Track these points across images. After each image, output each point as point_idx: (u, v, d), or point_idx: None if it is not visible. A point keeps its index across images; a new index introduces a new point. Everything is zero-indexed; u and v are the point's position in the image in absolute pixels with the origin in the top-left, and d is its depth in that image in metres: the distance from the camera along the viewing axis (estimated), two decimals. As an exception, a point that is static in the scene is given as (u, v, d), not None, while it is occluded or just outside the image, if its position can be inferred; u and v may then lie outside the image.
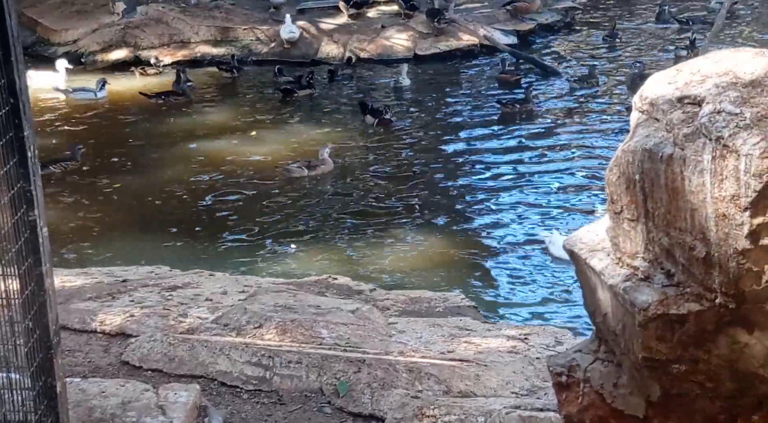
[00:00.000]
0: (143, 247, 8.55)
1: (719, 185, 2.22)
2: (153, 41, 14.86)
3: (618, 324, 2.56)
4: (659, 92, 2.46)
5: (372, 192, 9.82)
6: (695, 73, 2.42)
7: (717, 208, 2.23)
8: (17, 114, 3.19)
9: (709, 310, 2.34)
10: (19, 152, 3.23)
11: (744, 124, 2.20)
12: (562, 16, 15.89)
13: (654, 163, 2.37)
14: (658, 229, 2.41)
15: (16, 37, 3.21)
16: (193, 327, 4.98)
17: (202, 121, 12.15)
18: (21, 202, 3.24)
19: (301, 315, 5.06)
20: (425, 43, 14.44)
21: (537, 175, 10.10)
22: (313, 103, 12.82)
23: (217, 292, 5.65)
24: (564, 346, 4.96)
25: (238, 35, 14.95)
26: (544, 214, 9.16)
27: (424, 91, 13.24)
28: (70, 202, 9.70)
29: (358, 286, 6.17)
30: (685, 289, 2.37)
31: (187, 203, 9.77)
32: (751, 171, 2.16)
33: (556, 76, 13.37)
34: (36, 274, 3.29)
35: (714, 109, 2.26)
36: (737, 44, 12.41)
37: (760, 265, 2.24)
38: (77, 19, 15.37)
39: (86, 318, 5.05)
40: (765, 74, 2.30)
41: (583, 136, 11.15)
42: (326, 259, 8.30)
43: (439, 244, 8.61)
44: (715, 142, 2.23)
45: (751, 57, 2.39)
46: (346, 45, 14.51)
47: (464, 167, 10.60)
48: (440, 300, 5.92)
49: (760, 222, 2.20)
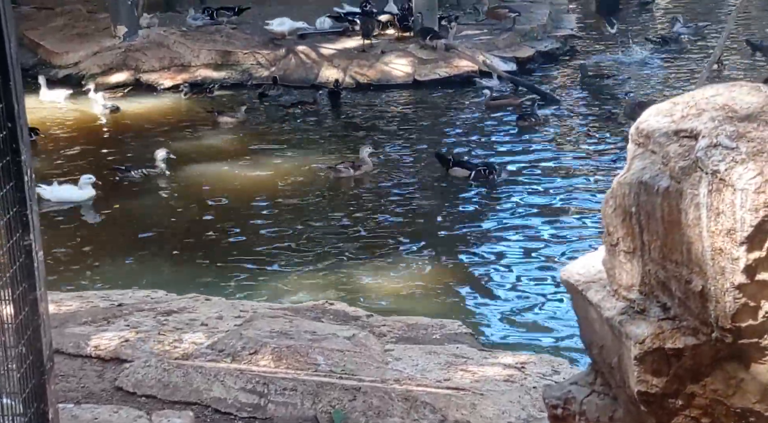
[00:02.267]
0: (140, 270, 8.54)
1: (715, 219, 2.21)
2: (154, 64, 14.92)
3: (614, 357, 2.55)
4: (655, 125, 2.47)
5: (368, 219, 9.82)
6: (691, 106, 2.42)
7: (713, 242, 2.23)
8: (15, 138, 3.19)
9: (705, 345, 2.33)
10: (16, 176, 3.23)
11: (740, 158, 2.20)
12: (562, 44, 15.97)
13: (650, 196, 2.37)
14: (654, 261, 2.40)
15: (15, 62, 3.22)
16: (188, 352, 4.96)
17: (200, 145, 12.18)
18: (17, 226, 3.24)
19: (297, 341, 5.04)
20: (424, 69, 14.51)
21: (539, 201, 10.10)
22: (311, 126, 12.85)
23: (213, 317, 5.63)
24: (561, 375, 4.94)
25: (238, 59, 15.02)
26: (544, 242, 9.15)
27: (424, 118, 13.28)
28: (67, 224, 9.69)
29: (355, 312, 6.15)
30: (681, 323, 2.36)
31: (185, 226, 9.76)
32: (746, 205, 2.16)
33: (554, 103, 13.42)
34: (30, 299, 3.27)
35: (710, 143, 2.27)
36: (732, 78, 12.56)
37: (757, 300, 2.23)
38: (78, 41, 15.44)
39: (81, 342, 5.02)
40: (761, 109, 2.30)
41: (584, 164, 11.17)
42: (324, 283, 8.28)
43: (438, 269, 8.60)
44: (711, 176, 2.23)
45: (747, 91, 2.39)
46: (346, 70, 14.58)
47: (463, 191, 10.60)
48: (437, 327, 5.89)
49: (757, 257, 2.19)
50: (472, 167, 10.54)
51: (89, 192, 9.90)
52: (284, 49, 14.97)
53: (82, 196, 9.89)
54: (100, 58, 15.09)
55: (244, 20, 16.06)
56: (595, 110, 13.16)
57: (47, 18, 16.70)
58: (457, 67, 14.48)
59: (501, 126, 12.61)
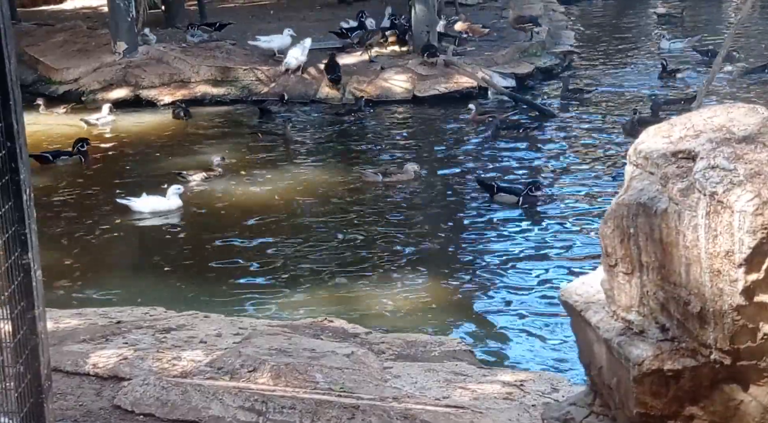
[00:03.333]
0: (139, 287, 8.52)
1: (713, 241, 2.22)
2: (153, 80, 14.96)
3: (613, 378, 2.54)
4: (653, 146, 2.48)
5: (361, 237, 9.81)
6: (689, 128, 2.43)
7: (711, 264, 2.23)
8: (14, 158, 3.20)
9: (704, 366, 2.33)
10: (15, 195, 3.23)
11: (738, 180, 2.21)
12: (560, 60, 16.02)
13: (648, 217, 2.38)
14: (653, 283, 2.41)
15: (15, 81, 3.23)
16: (186, 370, 4.94)
17: (199, 160, 12.19)
18: (15, 245, 3.24)
19: (296, 359, 5.03)
20: (424, 85, 14.55)
21: (538, 219, 10.09)
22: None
23: (212, 335, 5.61)
24: (560, 393, 4.92)
25: (238, 75, 15.06)
26: (543, 259, 9.14)
27: (425, 134, 13.30)
28: (66, 240, 9.68)
29: (354, 329, 6.14)
30: (680, 344, 2.36)
31: (184, 243, 9.76)
32: (745, 227, 2.17)
33: (552, 118, 13.46)
34: (29, 318, 3.27)
35: (708, 165, 2.27)
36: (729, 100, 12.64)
37: (755, 322, 2.23)
38: (79, 58, 15.49)
39: (79, 360, 5.01)
40: (758, 131, 2.31)
41: (583, 181, 11.17)
42: (323, 300, 8.27)
43: (437, 286, 8.58)
44: (709, 197, 2.23)
45: (744, 113, 2.40)
46: (346, 86, 14.62)
47: (463, 207, 10.60)
48: (436, 344, 5.88)
49: (755, 278, 2.20)
50: (519, 191, 10.14)
51: (177, 202, 10.25)
52: (283, 67, 15.01)
53: (170, 205, 10.25)
54: (100, 74, 15.14)
55: (236, 37, 16.18)
56: (586, 125, 13.23)
57: (47, 34, 16.76)
58: (456, 83, 14.52)
59: (507, 144, 12.61)
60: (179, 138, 13.22)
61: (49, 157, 11.59)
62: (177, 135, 13.36)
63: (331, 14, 18.13)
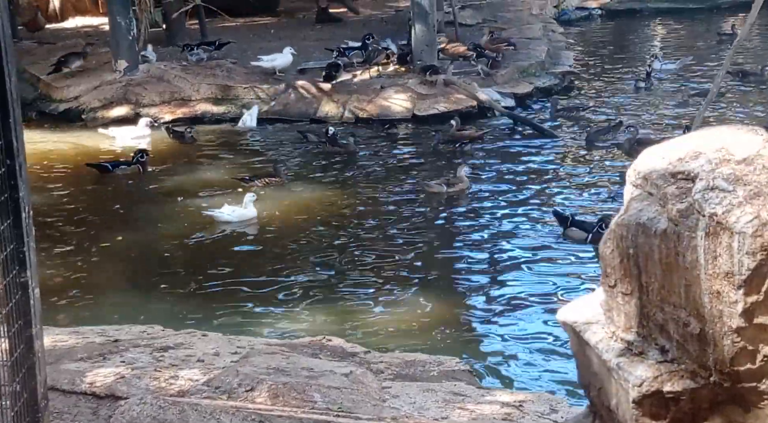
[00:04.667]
0: (138, 305, 8.50)
1: (713, 262, 2.21)
2: (154, 99, 15.00)
3: (612, 399, 2.53)
4: (653, 166, 2.48)
5: (366, 254, 9.80)
6: (688, 148, 2.43)
7: (711, 285, 2.23)
8: (13, 175, 3.20)
9: (703, 388, 2.32)
10: (14, 213, 3.23)
11: (737, 201, 2.21)
12: (560, 80, 16.08)
13: (648, 238, 2.37)
14: (653, 303, 2.40)
15: (15, 99, 3.24)
16: (184, 389, 4.92)
17: (197, 178, 12.20)
18: (14, 263, 3.23)
19: (294, 378, 5.01)
20: (424, 104, 14.58)
21: (539, 238, 10.08)
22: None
23: (210, 353, 5.59)
24: (559, 414, 4.90)
25: (238, 94, 15.10)
26: (543, 277, 9.13)
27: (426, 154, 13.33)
28: (63, 258, 9.67)
29: (353, 348, 6.12)
30: (680, 366, 2.35)
31: (182, 260, 9.74)
32: (744, 249, 2.16)
33: (552, 138, 13.48)
34: (26, 336, 3.26)
35: (707, 186, 2.27)
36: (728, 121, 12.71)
37: (755, 344, 2.22)
38: (79, 76, 15.53)
39: (76, 379, 4.99)
40: (758, 153, 2.31)
41: (584, 199, 11.18)
42: (322, 318, 8.25)
43: (436, 305, 8.56)
44: (708, 218, 2.23)
45: (743, 134, 2.40)
46: (346, 104, 14.65)
47: (465, 227, 10.60)
48: (435, 364, 5.86)
49: (755, 300, 2.19)
50: (590, 228, 9.70)
51: (253, 210, 10.56)
52: (284, 84, 15.06)
53: (250, 214, 10.54)
54: (101, 92, 15.17)
55: (236, 55, 16.26)
56: (579, 143, 13.28)
57: (48, 52, 16.82)
58: (456, 102, 14.55)
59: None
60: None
61: (108, 166, 12.11)
62: (176, 149, 13.39)
63: (331, 33, 18.20)
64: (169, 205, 11.22)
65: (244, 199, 10.46)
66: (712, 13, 22.15)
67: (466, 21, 18.79)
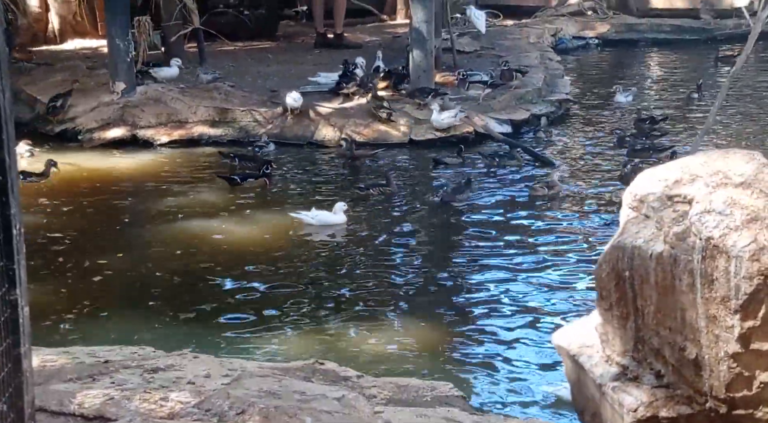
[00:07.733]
0: (129, 326, 8.45)
1: (709, 286, 2.19)
2: (151, 120, 15.00)
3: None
4: (649, 189, 2.46)
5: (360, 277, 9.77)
6: (685, 172, 2.41)
7: (707, 309, 2.20)
8: (5, 192, 3.18)
9: (699, 414, 2.29)
10: (5, 230, 3.21)
11: (734, 225, 2.19)
12: (557, 108, 16.14)
13: (644, 261, 2.35)
14: (648, 327, 2.37)
15: (9, 115, 3.22)
16: (174, 411, 4.86)
17: (190, 200, 12.17)
18: (3, 280, 3.20)
19: (285, 402, 4.95)
20: (421, 129, 14.60)
21: (533, 261, 10.06)
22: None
23: (201, 375, 5.54)
24: (553, 442, 4.86)
25: (236, 116, 15.11)
26: (540, 301, 9.09)
27: (421, 175, 13.34)
28: (54, 277, 9.63)
29: (345, 372, 6.06)
30: (675, 391, 2.32)
31: (173, 282, 9.69)
32: (741, 273, 2.14)
33: (549, 165, 13.49)
34: (14, 355, 3.22)
35: (704, 209, 2.25)
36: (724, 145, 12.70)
37: (752, 370, 2.19)
38: (76, 97, 15.52)
39: (64, 400, 4.93)
40: (755, 177, 2.29)
41: (585, 223, 11.16)
42: (315, 342, 8.20)
43: (431, 330, 8.53)
44: (705, 242, 2.21)
45: (740, 158, 2.39)
46: (343, 128, 14.66)
47: (460, 249, 10.57)
48: (428, 389, 5.81)
49: (751, 325, 2.16)
50: None
51: (343, 217, 11.05)
52: (281, 107, 15.08)
53: (337, 220, 11.03)
54: (98, 113, 15.17)
55: (234, 79, 16.31)
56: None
57: (45, 73, 16.84)
58: (453, 127, 14.58)
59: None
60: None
61: (237, 179, 12.57)
62: (174, 171, 13.36)
63: (330, 58, 18.26)
64: (164, 226, 11.19)
65: (334, 207, 11.01)
66: (707, 44, 22.29)
67: (464, 48, 18.88)
